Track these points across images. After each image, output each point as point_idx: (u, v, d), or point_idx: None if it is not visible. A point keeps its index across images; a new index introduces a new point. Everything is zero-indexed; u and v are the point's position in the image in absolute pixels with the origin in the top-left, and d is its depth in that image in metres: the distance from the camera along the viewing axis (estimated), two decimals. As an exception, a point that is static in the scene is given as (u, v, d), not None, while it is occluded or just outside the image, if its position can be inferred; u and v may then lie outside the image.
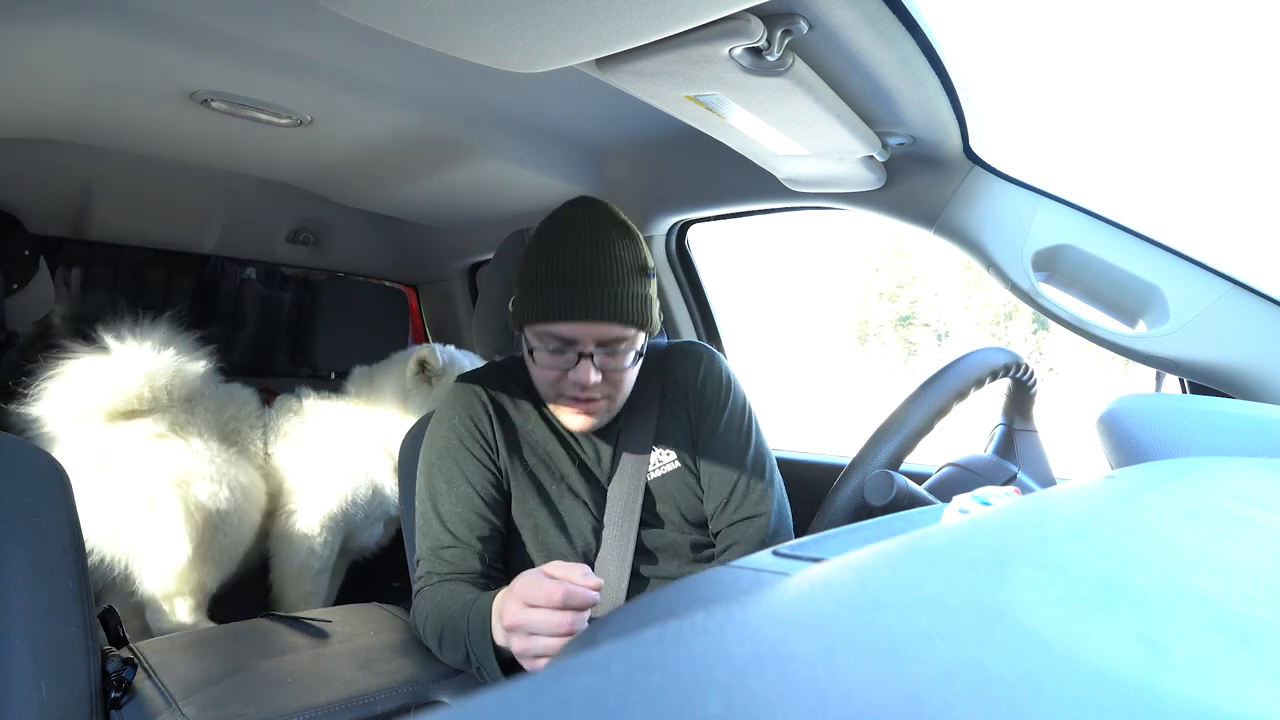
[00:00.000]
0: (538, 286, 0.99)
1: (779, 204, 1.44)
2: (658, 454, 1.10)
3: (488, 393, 1.11)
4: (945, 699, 0.19)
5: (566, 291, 0.97)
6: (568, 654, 0.44)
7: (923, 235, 1.21)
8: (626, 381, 1.05)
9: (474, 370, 1.18)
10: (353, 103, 1.23)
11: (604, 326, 0.98)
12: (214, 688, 0.98)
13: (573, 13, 0.68)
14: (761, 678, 0.19)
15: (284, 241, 1.99)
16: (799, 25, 0.74)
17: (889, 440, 1.02)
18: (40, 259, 1.64)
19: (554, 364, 1.00)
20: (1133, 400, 0.82)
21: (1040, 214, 1.10)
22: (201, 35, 1.00)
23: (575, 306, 0.97)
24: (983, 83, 1.02)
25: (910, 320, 37.50)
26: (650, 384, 1.12)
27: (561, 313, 0.97)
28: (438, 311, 2.30)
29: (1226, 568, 0.34)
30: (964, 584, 0.28)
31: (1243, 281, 0.99)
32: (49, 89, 1.16)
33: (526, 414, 1.11)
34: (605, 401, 1.04)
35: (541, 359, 1.01)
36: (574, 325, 0.98)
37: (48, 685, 0.87)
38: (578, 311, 0.97)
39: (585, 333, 0.98)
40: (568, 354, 0.99)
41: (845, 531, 0.64)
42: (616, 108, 1.20)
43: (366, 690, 0.98)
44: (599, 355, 0.99)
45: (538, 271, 1.00)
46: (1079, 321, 1.10)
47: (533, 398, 1.12)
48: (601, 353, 0.99)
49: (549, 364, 1.01)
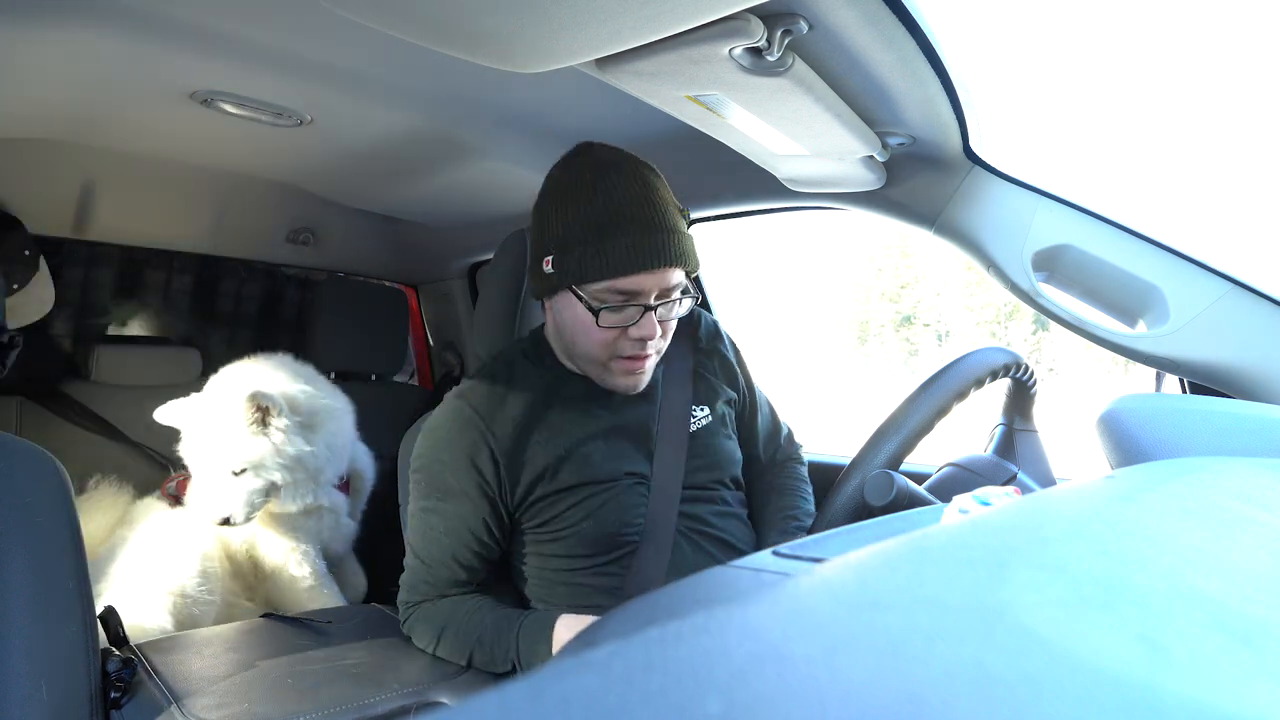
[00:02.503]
0: (593, 241, 0.91)
1: (779, 204, 1.44)
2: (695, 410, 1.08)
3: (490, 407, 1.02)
4: (945, 699, 0.19)
5: (629, 242, 0.90)
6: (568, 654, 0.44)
7: (923, 235, 1.22)
8: (671, 332, 1.01)
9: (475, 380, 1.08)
10: (353, 103, 1.23)
11: (667, 273, 0.93)
12: (214, 688, 0.98)
13: (573, 13, 0.68)
14: (761, 678, 0.19)
15: (283, 241, 1.99)
16: (799, 25, 0.74)
17: (889, 440, 1.02)
18: (40, 259, 1.64)
19: (615, 322, 0.94)
20: (1133, 400, 0.82)
21: (1040, 214, 1.10)
22: (201, 35, 1.00)
23: (642, 256, 0.90)
24: (983, 83, 1.02)
25: (911, 320, 37.52)
26: (683, 343, 1.11)
27: (628, 265, 0.90)
28: (438, 311, 2.30)
29: (1226, 568, 0.34)
30: (964, 584, 0.28)
31: (1243, 281, 0.99)
32: (49, 89, 1.16)
33: (551, 393, 1.04)
34: (656, 355, 1.00)
35: (604, 320, 0.93)
36: (640, 277, 0.91)
37: (48, 685, 0.87)
38: (646, 261, 0.90)
39: (651, 283, 0.92)
40: (628, 310, 0.93)
41: (845, 531, 0.64)
42: (616, 108, 1.20)
43: (366, 690, 0.98)
44: (658, 307, 0.94)
45: (587, 225, 0.91)
46: (1079, 321, 1.10)
47: (557, 372, 1.06)
48: (660, 303, 0.95)
49: (610, 323, 0.94)
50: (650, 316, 0.94)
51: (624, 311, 0.94)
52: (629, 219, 0.91)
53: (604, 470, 1.01)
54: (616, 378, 1.01)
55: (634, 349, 0.96)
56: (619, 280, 0.92)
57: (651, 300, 0.94)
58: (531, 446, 1.01)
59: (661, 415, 1.06)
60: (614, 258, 0.90)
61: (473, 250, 2.06)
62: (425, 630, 1.06)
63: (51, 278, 1.70)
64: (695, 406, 1.09)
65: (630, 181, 0.93)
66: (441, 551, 1.04)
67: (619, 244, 0.90)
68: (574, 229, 0.93)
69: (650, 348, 0.97)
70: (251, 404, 1.35)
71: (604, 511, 1.01)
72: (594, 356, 0.99)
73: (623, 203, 0.92)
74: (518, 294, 1.24)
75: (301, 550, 1.53)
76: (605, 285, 0.92)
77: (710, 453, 1.09)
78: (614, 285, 0.92)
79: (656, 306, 0.95)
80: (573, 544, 1.03)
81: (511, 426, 1.01)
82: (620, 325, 0.95)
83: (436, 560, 1.05)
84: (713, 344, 1.17)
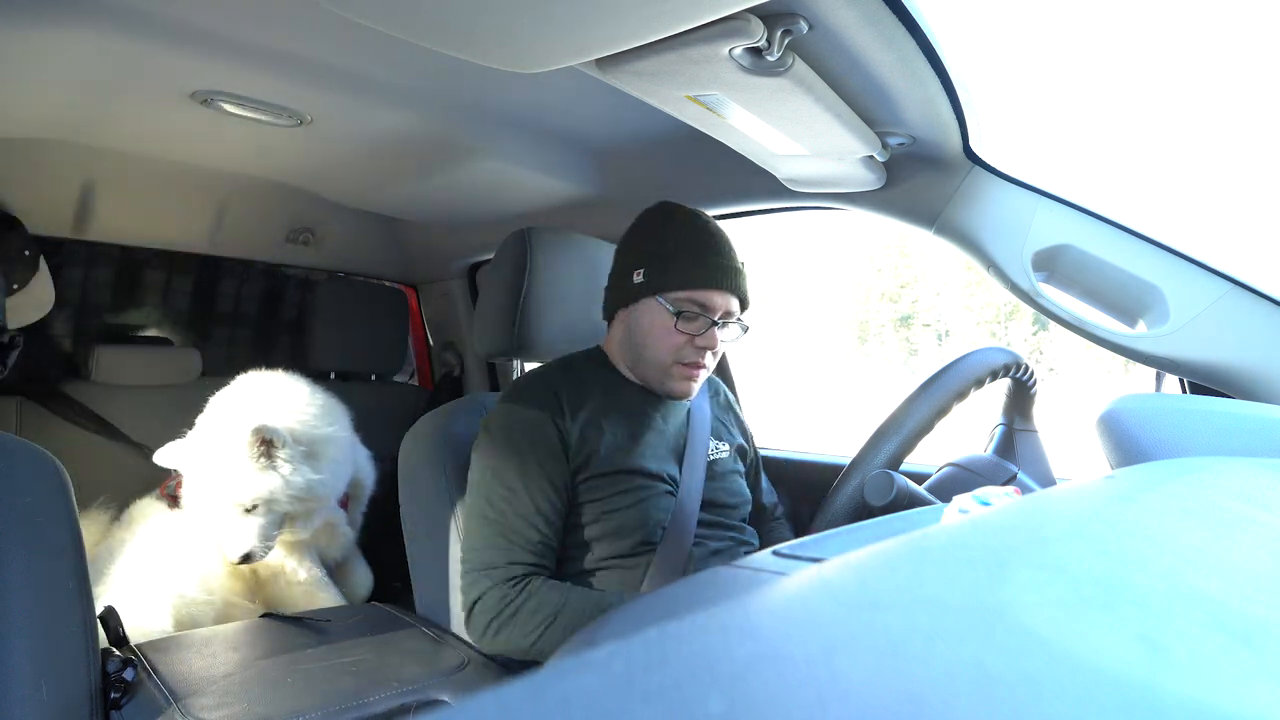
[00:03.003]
0: (691, 256, 1.10)
1: (779, 204, 1.44)
2: (714, 442, 1.22)
3: (562, 384, 1.14)
4: (945, 699, 0.19)
5: (715, 262, 1.10)
6: (568, 654, 0.44)
7: (923, 235, 1.22)
8: (719, 356, 1.17)
9: (540, 369, 1.21)
10: (353, 103, 1.23)
11: (732, 299, 1.12)
12: (214, 688, 0.98)
13: (573, 13, 0.68)
14: (761, 678, 0.19)
15: (283, 241, 1.99)
16: (799, 25, 0.74)
17: (889, 440, 1.02)
18: (40, 259, 1.64)
19: (689, 329, 1.10)
20: (1133, 400, 0.82)
21: (1040, 214, 1.10)
22: (201, 35, 1.00)
23: (722, 276, 1.10)
24: (983, 83, 1.02)
25: (911, 320, 37.53)
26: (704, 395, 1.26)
27: (711, 281, 1.09)
28: (438, 311, 2.30)
29: (1226, 568, 0.34)
30: (964, 584, 0.28)
31: (1243, 281, 0.99)
32: (49, 89, 1.16)
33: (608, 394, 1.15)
34: (705, 370, 1.15)
35: (681, 325, 1.10)
36: (717, 294, 1.10)
37: (48, 685, 0.87)
38: (723, 281, 1.10)
39: (722, 302, 1.11)
40: (698, 321, 1.10)
41: (845, 531, 0.64)
42: (616, 108, 1.20)
43: (366, 690, 0.98)
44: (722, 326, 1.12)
45: (677, 243, 1.11)
46: (1079, 321, 1.10)
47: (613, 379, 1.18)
48: (723, 323, 1.12)
49: (686, 329, 1.10)
50: (714, 331, 1.11)
51: (696, 321, 1.11)
52: (717, 248, 1.12)
53: (652, 465, 1.12)
54: (675, 382, 1.15)
55: (694, 357, 1.12)
56: (701, 292, 1.10)
57: (717, 317, 1.11)
58: (595, 425, 1.11)
59: (691, 431, 1.19)
60: (700, 273, 1.09)
61: (473, 250, 2.06)
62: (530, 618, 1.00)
63: (51, 278, 1.69)
64: (713, 440, 1.22)
65: (706, 222, 1.15)
66: (530, 512, 1.05)
67: (705, 263, 1.10)
68: (674, 246, 1.11)
69: (707, 359, 1.13)
70: (256, 438, 1.33)
71: (643, 505, 1.09)
72: (661, 360, 1.13)
73: (705, 235, 1.12)
74: (518, 294, 1.24)
75: (296, 556, 1.53)
76: (688, 294, 1.10)
77: (725, 479, 1.20)
78: (695, 296, 1.10)
79: (721, 324, 1.12)
80: (606, 527, 1.08)
81: (580, 402, 1.13)
82: (691, 333, 1.11)
83: (525, 524, 1.04)
84: (727, 401, 1.33)
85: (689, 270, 1.09)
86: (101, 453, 1.80)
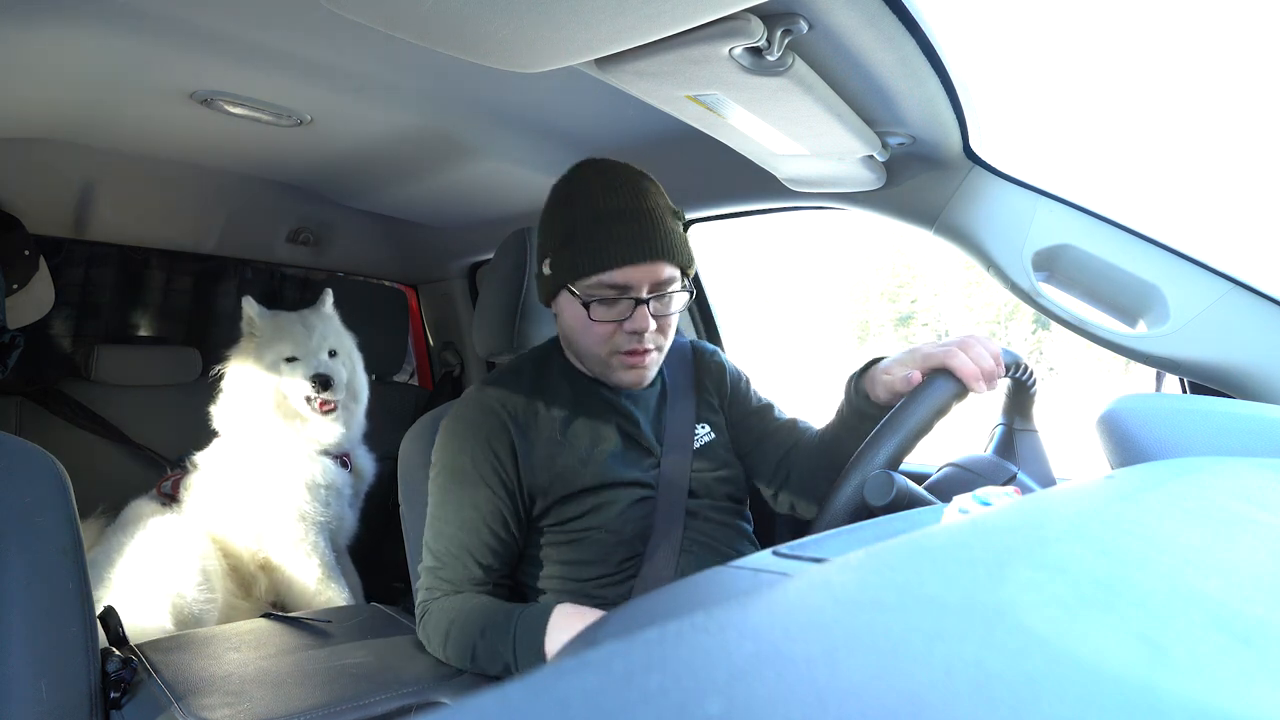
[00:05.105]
0: (583, 238, 0.97)
1: (779, 204, 1.43)
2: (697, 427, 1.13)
3: (512, 399, 1.05)
4: (945, 699, 0.19)
5: (617, 236, 0.95)
6: (567, 654, 0.44)
7: (923, 235, 1.21)
8: (672, 329, 1.05)
9: (499, 373, 1.13)
10: (353, 103, 1.23)
11: (657, 267, 0.97)
12: (214, 688, 0.98)
13: (573, 13, 0.68)
14: (761, 678, 0.19)
15: (284, 241, 1.99)
16: (799, 25, 0.74)
17: (889, 440, 1.02)
18: (40, 259, 1.64)
19: (608, 316, 0.98)
20: (1133, 400, 0.82)
21: (1040, 214, 1.10)
22: (201, 35, 1.00)
23: (629, 250, 0.95)
24: (983, 83, 1.02)
25: (910, 319, 37.52)
26: (684, 369, 1.17)
27: (616, 258, 0.95)
28: (438, 311, 2.30)
29: (1226, 568, 0.34)
30: (964, 584, 0.28)
31: (1243, 281, 0.99)
32: (49, 89, 1.16)
33: (563, 398, 1.07)
34: (655, 353, 1.03)
35: (596, 313, 0.98)
36: (629, 270, 0.96)
37: (48, 685, 0.87)
38: (632, 254, 0.95)
39: (641, 276, 0.97)
40: (621, 304, 0.98)
41: (845, 531, 0.64)
42: (616, 108, 1.20)
43: (366, 690, 0.98)
44: (652, 303, 0.99)
45: (579, 223, 0.97)
46: (1079, 321, 1.09)
47: (570, 376, 1.09)
48: (653, 299, 0.99)
49: (604, 317, 0.98)
50: (643, 310, 0.98)
51: (617, 306, 0.98)
52: (616, 216, 0.96)
53: (621, 473, 1.04)
54: (619, 373, 1.04)
55: (631, 343, 1.00)
56: (608, 273, 0.96)
57: (644, 294, 0.98)
58: (551, 442, 1.04)
59: (667, 429, 1.10)
60: (601, 251, 0.95)
61: (473, 250, 2.06)
62: (435, 630, 1.03)
63: (51, 278, 1.69)
64: (698, 424, 1.13)
65: (620, 185, 0.99)
66: (457, 545, 1.02)
67: (606, 238, 0.95)
68: (567, 229, 0.98)
69: (649, 341, 1.01)
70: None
71: (619, 518, 1.03)
72: (594, 353, 1.02)
73: (611, 203, 0.97)
74: (518, 294, 1.24)
75: (310, 542, 1.54)
76: (596, 279, 0.96)
77: (717, 463, 1.12)
78: (604, 279, 0.96)
79: (649, 300, 0.98)
80: (585, 549, 1.03)
81: (533, 419, 1.04)
82: (614, 320, 0.99)
83: (453, 555, 1.02)
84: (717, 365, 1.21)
85: (588, 250, 0.96)
86: (101, 453, 1.80)
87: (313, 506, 1.55)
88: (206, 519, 1.54)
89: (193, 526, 1.50)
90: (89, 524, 1.61)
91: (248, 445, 1.57)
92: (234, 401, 1.59)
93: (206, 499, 1.56)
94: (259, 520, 1.54)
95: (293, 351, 1.57)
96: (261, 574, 1.56)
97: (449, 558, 1.03)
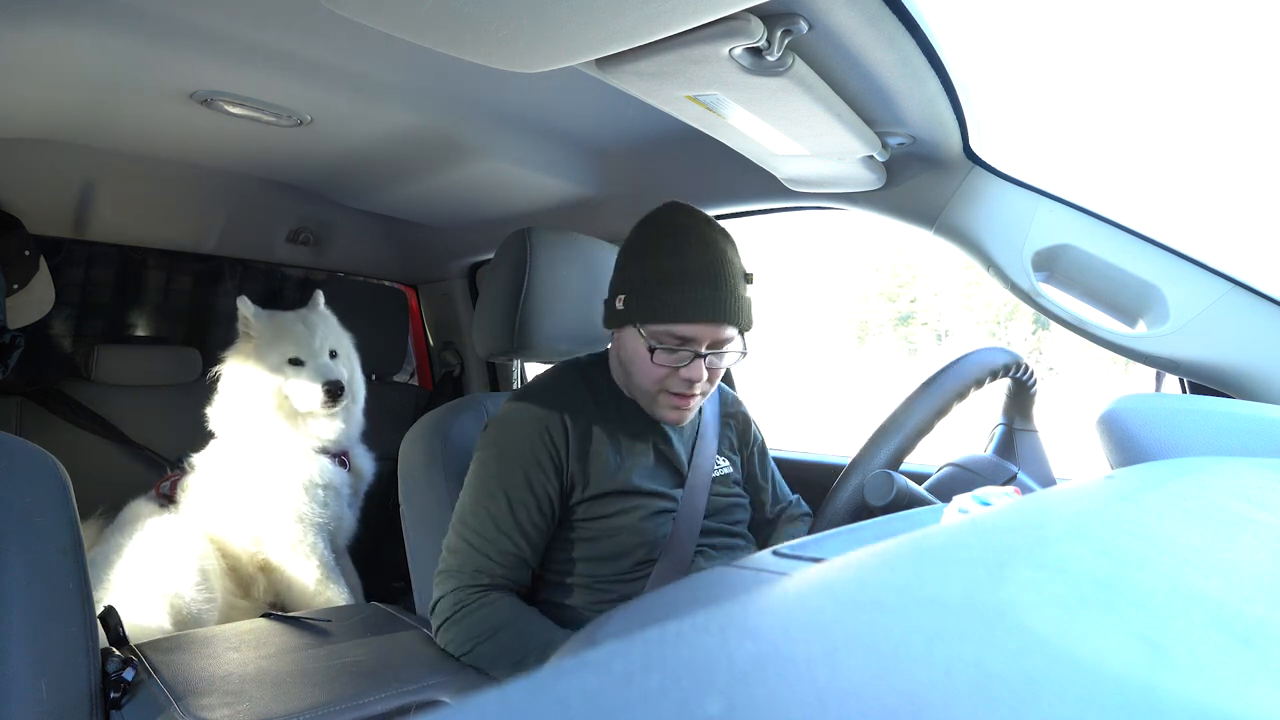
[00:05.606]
0: (659, 287, 1.04)
1: (779, 204, 1.44)
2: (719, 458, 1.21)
3: (565, 397, 1.12)
4: (945, 699, 0.19)
5: (692, 294, 1.02)
6: (568, 654, 0.44)
7: (923, 235, 1.22)
8: (718, 379, 1.13)
9: (551, 373, 1.20)
10: (353, 103, 1.23)
11: (720, 328, 1.05)
12: (214, 688, 0.98)
13: (573, 13, 0.68)
14: (761, 678, 0.19)
15: (284, 241, 1.99)
16: (799, 25, 0.74)
17: (889, 440, 1.02)
18: (40, 259, 1.64)
19: (667, 362, 1.05)
20: (1133, 400, 0.82)
21: (1040, 214, 1.10)
22: (201, 35, 1.00)
23: (701, 309, 1.02)
24: (983, 83, 1.02)
25: (910, 319, 37.53)
26: (711, 406, 1.25)
27: (687, 314, 1.03)
28: (438, 311, 2.30)
29: (1226, 568, 0.34)
30: (964, 584, 0.28)
31: (1243, 281, 0.99)
32: (49, 89, 1.16)
33: (609, 410, 1.14)
34: (700, 397, 1.11)
35: (659, 358, 1.05)
36: (698, 327, 1.03)
37: (48, 685, 0.87)
38: (703, 313, 1.03)
39: (706, 334, 1.04)
40: (680, 352, 1.05)
41: (845, 531, 0.64)
42: (616, 108, 1.20)
43: (366, 690, 0.98)
44: (709, 356, 1.06)
45: (656, 272, 1.04)
46: (1079, 321, 1.10)
47: (615, 394, 1.16)
48: (710, 353, 1.06)
49: (663, 362, 1.05)
50: (699, 363, 1.05)
51: (677, 354, 1.05)
52: (698, 276, 1.03)
53: (650, 485, 1.11)
54: (663, 410, 1.11)
55: (681, 387, 1.07)
56: (677, 326, 1.04)
57: (703, 349, 1.05)
58: (593, 446, 1.10)
59: (695, 456, 1.18)
60: (676, 307, 1.03)
61: (473, 250, 2.06)
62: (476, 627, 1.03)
63: (51, 278, 1.69)
64: (718, 457, 1.21)
65: (702, 243, 1.05)
66: (508, 524, 1.05)
67: (683, 296, 1.03)
68: (647, 276, 1.06)
69: (696, 389, 1.08)
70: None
71: (642, 523, 1.08)
72: (646, 388, 1.10)
73: (692, 261, 1.04)
74: (518, 294, 1.24)
75: (308, 543, 1.54)
76: (664, 329, 1.04)
77: (730, 491, 1.20)
78: (672, 330, 1.04)
79: (707, 354, 1.06)
80: (606, 546, 1.08)
81: (578, 419, 1.11)
82: (672, 366, 1.06)
83: (499, 534, 1.05)
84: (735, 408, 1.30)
85: (667, 303, 1.03)
86: (102, 453, 1.80)
87: (310, 507, 1.54)
88: (204, 520, 1.54)
89: (190, 527, 1.49)
90: (88, 524, 1.61)
91: (245, 446, 1.57)
92: (231, 402, 1.58)
93: (203, 500, 1.55)
94: (257, 522, 1.54)
95: (296, 353, 1.57)
96: (260, 575, 1.56)
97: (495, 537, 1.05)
